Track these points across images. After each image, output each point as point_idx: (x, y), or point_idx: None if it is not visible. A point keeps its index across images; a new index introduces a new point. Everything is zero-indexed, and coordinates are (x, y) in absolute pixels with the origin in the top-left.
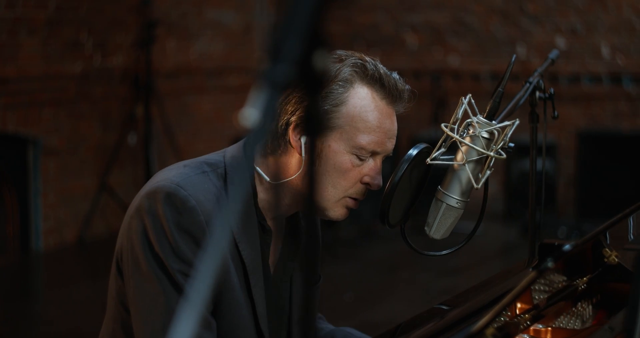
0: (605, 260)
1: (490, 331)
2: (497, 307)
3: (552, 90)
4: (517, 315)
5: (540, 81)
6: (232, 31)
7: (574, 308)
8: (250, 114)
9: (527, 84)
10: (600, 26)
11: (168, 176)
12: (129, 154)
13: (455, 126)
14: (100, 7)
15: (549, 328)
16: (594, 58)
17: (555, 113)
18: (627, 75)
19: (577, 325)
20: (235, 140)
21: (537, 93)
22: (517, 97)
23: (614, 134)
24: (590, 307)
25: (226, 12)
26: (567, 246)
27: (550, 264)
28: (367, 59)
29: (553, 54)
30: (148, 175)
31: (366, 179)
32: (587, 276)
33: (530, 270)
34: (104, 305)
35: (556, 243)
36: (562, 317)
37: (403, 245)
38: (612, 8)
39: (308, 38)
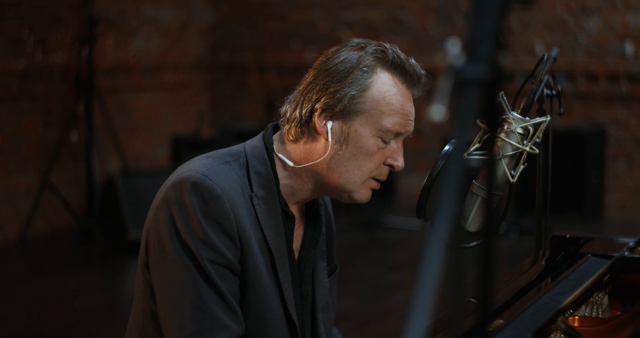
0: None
1: (560, 318)
2: (576, 293)
3: (559, 87)
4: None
5: (550, 79)
6: (169, 28)
7: (591, 298)
8: (439, 111)
9: (539, 82)
10: (534, 24)
11: (192, 167)
12: (71, 152)
13: None
14: (41, 4)
15: (576, 317)
16: (528, 56)
17: (561, 110)
18: (561, 73)
19: (599, 314)
20: (172, 137)
21: (545, 90)
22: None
23: (548, 130)
24: (606, 296)
25: (163, 9)
26: (631, 243)
27: (626, 253)
28: (387, 45)
29: (554, 52)
30: (89, 172)
31: (389, 161)
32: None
33: (543, 263)
34: (49, 302)
35: (568, 236)
36: (583, 306)
37: (350, 240)
38: (546, 6)
39: (494, 39)
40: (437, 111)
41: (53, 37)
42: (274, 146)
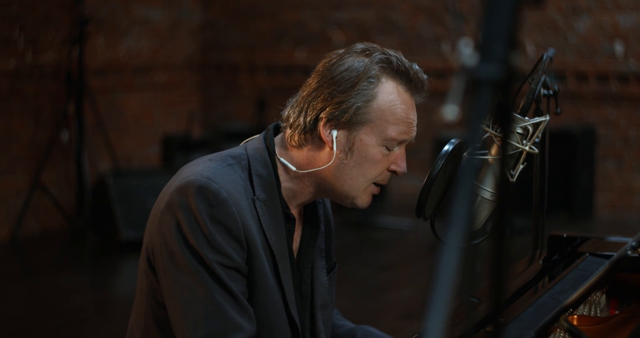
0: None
1: (563, 317)
2: (579, 292)
3: (556, 87)
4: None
5: (547, 79)
6: (159, 28)
7: (589, 297)
8: (451, 110)
9: (537, 81)
10: (525, 24)
11: (197, 170)
12: (61, 152)
13: (490, 122)
14: (31, 4)
15: (575, 316)
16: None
17: (558, 110)
18: (551, 73)
19: (597, 313)
20: (163, 137)
21: (542, 90)
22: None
23: (545, 130)
24: (604, 296)
25: (153, 9)
26: (634, 242)
27: (629, 252)
28: (391, 53)
29: (550, 52)
30: (80, 172)
31: (393, 167)
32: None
33: (541, 262)
34: (40, 302)
35: (565, 235)
36: (582, 305)
37: (342, 240)
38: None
39: (508, 40)
40: (450, 111)
41: (44, 37)
42: (276, 149)
